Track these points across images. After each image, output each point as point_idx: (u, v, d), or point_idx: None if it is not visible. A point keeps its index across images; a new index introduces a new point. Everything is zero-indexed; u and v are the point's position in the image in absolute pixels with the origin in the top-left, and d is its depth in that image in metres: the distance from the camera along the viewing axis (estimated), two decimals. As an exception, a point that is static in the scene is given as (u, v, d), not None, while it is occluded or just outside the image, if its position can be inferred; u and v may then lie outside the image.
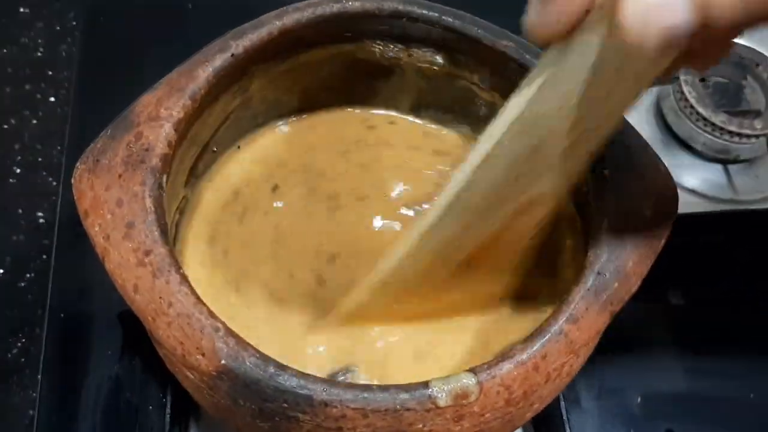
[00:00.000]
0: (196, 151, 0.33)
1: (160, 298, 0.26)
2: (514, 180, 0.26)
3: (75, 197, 0.28)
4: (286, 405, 0.25)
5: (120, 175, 0.27)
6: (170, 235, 0.27)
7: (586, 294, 0.27)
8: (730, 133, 0.52)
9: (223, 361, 0.25)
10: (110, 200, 0.27)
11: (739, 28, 0.18)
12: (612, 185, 0.29)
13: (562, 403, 0.43)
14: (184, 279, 0.26)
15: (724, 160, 0.54)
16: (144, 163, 0.28)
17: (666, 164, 0.54)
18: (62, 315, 0.47)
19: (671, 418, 0.46)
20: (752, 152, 0.54)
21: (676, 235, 0.50)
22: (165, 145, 0.28)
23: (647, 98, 0.57)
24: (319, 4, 0.32)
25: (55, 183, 0.52)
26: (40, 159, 0.54)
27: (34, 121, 0.55)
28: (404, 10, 0.33)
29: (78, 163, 0.29)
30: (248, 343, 0.25)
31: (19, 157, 0.54)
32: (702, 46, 0.20)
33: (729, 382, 0.47)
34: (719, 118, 0.52)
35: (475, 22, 0.33)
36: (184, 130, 0.29)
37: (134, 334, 0.45)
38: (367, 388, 0.25)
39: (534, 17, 0.21)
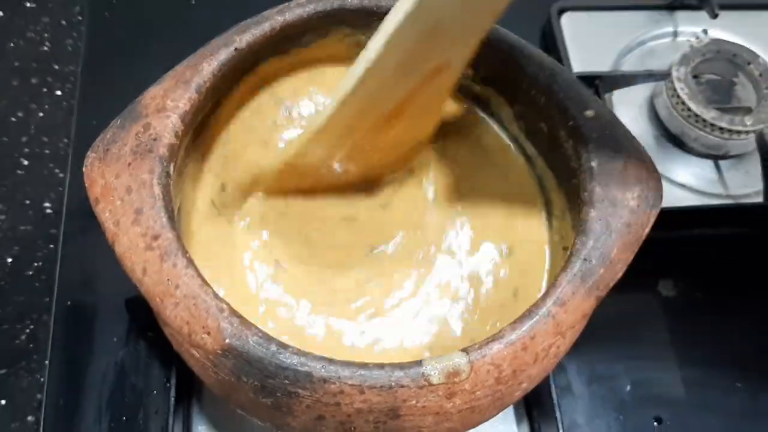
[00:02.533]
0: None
1: (168, 280, 0.27)
2: (422, 49, 0.30)
3: (86, 184, 0.29)
4: (287, 381, 0.26)
5: (129, 164, 0.29)
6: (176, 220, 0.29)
7: (573, 279, 0.28)
8: (721, 129, 0.53)
9: (227, 340, 0.26)
10: (120, 187, 0.28)
11: None
12: (598, 176, 0.30)
13: (554, 390, 0.44)
14: (190, 262, 0.27)
15: (715, 155, 0.55)
16: (152, 152, 0.29)
17: (658, 160, 0.55)
18: (69, 302, 0.48)
19: (660, 406, 0.47)
20: (743, 148, 0.55)
21: (667, 229, 0.51)
22: (172, 136, 0.29)
23: (640, 95, 0.58)
24: (320, 0, 0.33)
25: (61, 174, 0.54)
26: (46, 151, 0.55)
27: (41, 114, 0.57)
28: (402, 6, 0.34)
29: (89, 152, 0.30)
30: (251, 323, 0.27)
31: (26, 149, 0.55)
32: None
33: (716, 370, 0.49)
34: (710, 115, 0.53)
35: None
36: (190, 121, 0.30)
37: (139, 320, 0.47)
38: (363, 365, 0.26)
39: None
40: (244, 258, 0.34)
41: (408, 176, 0.38)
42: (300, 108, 0.37)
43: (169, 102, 0.30)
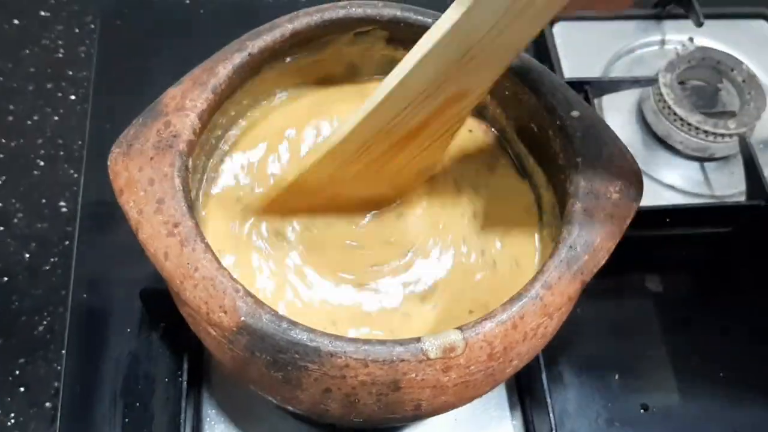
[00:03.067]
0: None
1: (188, 263, 0.30)
2: (444, 75, 0.31)
3: (111, 177, 0.32)
4: (297, 355, 0.29)
5: (151, 158, 0.31)
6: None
7: (559, 264, 0.31)
8: (706, 132, 0.56)
9: (242, 318, 0.29)
10: (143, 179, 0.31)
11: None
12: (583, 171, 0.33)
13: (545, 379, 0.46)
14: (208, 247, 0.30)
15: (701, 158, 0.58)
16: (172, 147, 0.31)
17: (646, 162, 0.58)
18: (84, 295, 0.50)
19: (645, 394, 0.49)
20: (727, 150, 0.57)
21: (655, 227, 0.54)
22: (190, 132, 0.32)
23: (629, 100, 0.60)
24: (326, 9, 0.36)
25: (76, 175, 0.56)
26: (61, 152, 0.57)
27: (56, 118, 0.59)
28: (402, 16, 0.37)
29: (113, 147, 0.32)
30: (264, 303, 0.29)
31: (42, 151, 0.57)
32: None
33: (699, 361, 0.51)
34: (695, 118, 0.56)
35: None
36: (207, 119, 0.33)
37: (152, 311, 0.49)
38: (367, 341, 0.29)
39: None
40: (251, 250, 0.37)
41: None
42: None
43: (187, 102, 0.32)
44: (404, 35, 0.38)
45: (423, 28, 0.37)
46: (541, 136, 0.38)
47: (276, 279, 0.36)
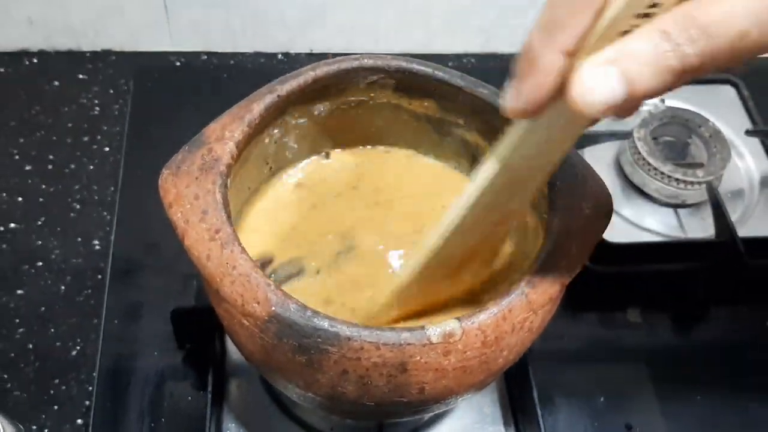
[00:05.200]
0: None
1: (227, 263, 0.35)
2: (496, 204, 0.35)
3: (161, 194, 0.37)
4: (319, 340, 0.34)
5: (197, 177, 0.37)
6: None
7: (541, 267, 0.36)
8: (677, 180, 0.62)
9: (273, 308, 0.34)
10: (189, 195, 0.37)
11: (658, 93, 0.25)
12: (560, 191, 0.39)
13: (536, 400, 0.51)
14: (244, 250, 0.35)
15: (674, 204, 0.64)
16: (214, 169, 0.37)
17: (625, 208, 0.64)
18: (115, 321, 0.55)
19: (629, 414, 0.54)
20: (697, 197, 0.63)
21: (633, 263, 0.60)
22: (229, 158, 0.38)
23: (608, 154, 0.66)
24: (343, 60, 0.42)
25: (109, 216, 0.61)
26: (96, 197, 0.63)
27: (91, 167, 0.65)
28: (407, 66, 0.44)
29: (163, 170, 0.38)
30: (291, 295, 0.34)
31: (78, 196, 0.63)
32: (640, 103, 0.26)
33: (678, 385, 0.56)
34: (667, 168, 0.62)
35: (459, 76, 0.43)
36: (243, 147, 0.39)
37: (179, 332, 0.53)
38: (379, 328, 0.34)
39: (511, 103, 0.27)
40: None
41: None
42: None
43: (227, 133, 0.39)
44: (409, 84, 0.44)
45: (425, 77, 0.44)
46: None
47: None
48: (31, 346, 0.55)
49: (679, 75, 0.24)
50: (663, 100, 0.70)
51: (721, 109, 0.69)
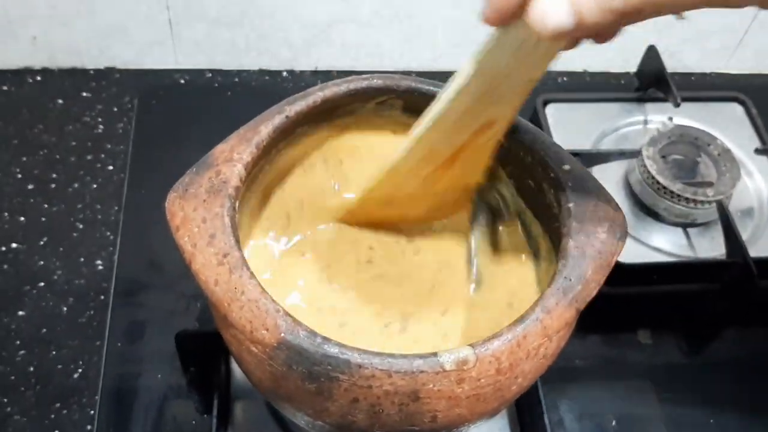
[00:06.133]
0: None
1: (235, 288, 0.34)
2: (477, 105, 0.37)
3: (168, 217, 0.37)
4: (329, 367, 0.33)
5: (204, 200, 0.36)
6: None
7: (556, 292, 0.36)
8: (687, 199, 0.61)
9: (282, 335, 0.33)
10: (197, 218, 0.36)
11: (607, 27, 0.29)
12: (575, 214, 0.38)
13: (547, 424, 0.50)
14: (252, 275, 0.35)
15: (684, 223, 0.63)
16: (222, 191, 0.37)
17: (635, 228, 0.63)
18: (119, 344, 0.54)
19: (641, 437, 0.53)
20: (707, 216, 0.63)
21: (643, 284, 0.59)
22: (237, 180, 0.37)
23: (617, 173, 0.66)
24: (352, 81, 0.42)
25: (112, 237, 0.61)
26: (99, 216, 0.62)
27: (95, 186, 0.64)
28: (416, 86, 0.43)
29: (170, 192, 0.37)
30: (300, 321, 0.34)
31: (81, 215, 0.62)
32: (594, 32, 0.30)
33: (690, 409, 0.55)
34: (677, 187, 0.61)
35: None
36: (251, 169, 0.38)
37: (184, 355, 0.53)
38: (391, 355, 0.33)
39: (484, 10, 0.32)
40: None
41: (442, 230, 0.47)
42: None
43: (235, 155, 0.38)
44: (418, 104, 0.44)
45: (433, 97, 0.43)
46: (536, 191, 0.43)
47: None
48: (32, 368, 0.54)
49: (622, 14, 0.28)
50: (671, 119, 0.70)
51: (730, 127, 0.69)
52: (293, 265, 0.45)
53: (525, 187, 0.45)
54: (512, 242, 0.46)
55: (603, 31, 0.31)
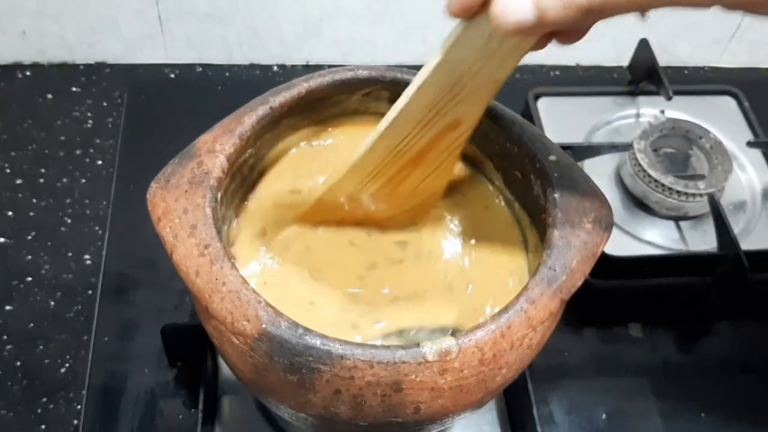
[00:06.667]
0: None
1: (216, 279, 0.34)
2: (442, 100, 0.37)
3: (149, 208, 0.36)
4: (311, 358, 0.33)
5: (186, 191, 0.36)
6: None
7: (540, 282, 0.35)
8: (678, 192, 0.61)
9: (263, 326, 0.33)
10: (178, 209, 0.36)
11: (570, 24, 0.29)
12: (560, 205, 0.38)
13: (537, 418, 0.50)
14: (233, 266, 0.34)
15: (676, 216, 0.63)
16: (204, 182, 0.36)
17: (626, 221, 0.63)
18: (106, 339, 0.54)
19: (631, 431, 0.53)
20: (699, 210, 0.62)
21: (634, 276, 0.59)
22: (220, 171, 0.37)
23: (608, 166, 0.66)
24: (337, 71, 0.42)
25: (101, 231, 0.60)
26: (87, 211, 0.62)
27: (83, 180, 0.64)
28: (402, 77, 0.43)
29: (152, 183, 0.37)
30: (282, 312, 0.33)
31: (70, 210, 0.62)
32: (560, 31, 0.30)
33: (681, 402, 0.54)
34: (668, 180, 0.61)
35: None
36: (234, 160, 0.38)
37: (170, 350, 0.52)
38: (373, 346, 0.33)
39: (449, 2, 0.32)
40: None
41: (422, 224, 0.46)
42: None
43: (217, 145, 0.38)
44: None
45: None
46: (524, 182, 0.43)
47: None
48: (18, 363, 0.53)
49: (584, 12, 0.28)
50: (663, 112, 0.69)
51: (722, 120, 0.69)
52: (280, 257, 0.44)
53: (512, 178, 0.44)
54: (501, 234, 0.45)
55: (567, 29, 0.31)
